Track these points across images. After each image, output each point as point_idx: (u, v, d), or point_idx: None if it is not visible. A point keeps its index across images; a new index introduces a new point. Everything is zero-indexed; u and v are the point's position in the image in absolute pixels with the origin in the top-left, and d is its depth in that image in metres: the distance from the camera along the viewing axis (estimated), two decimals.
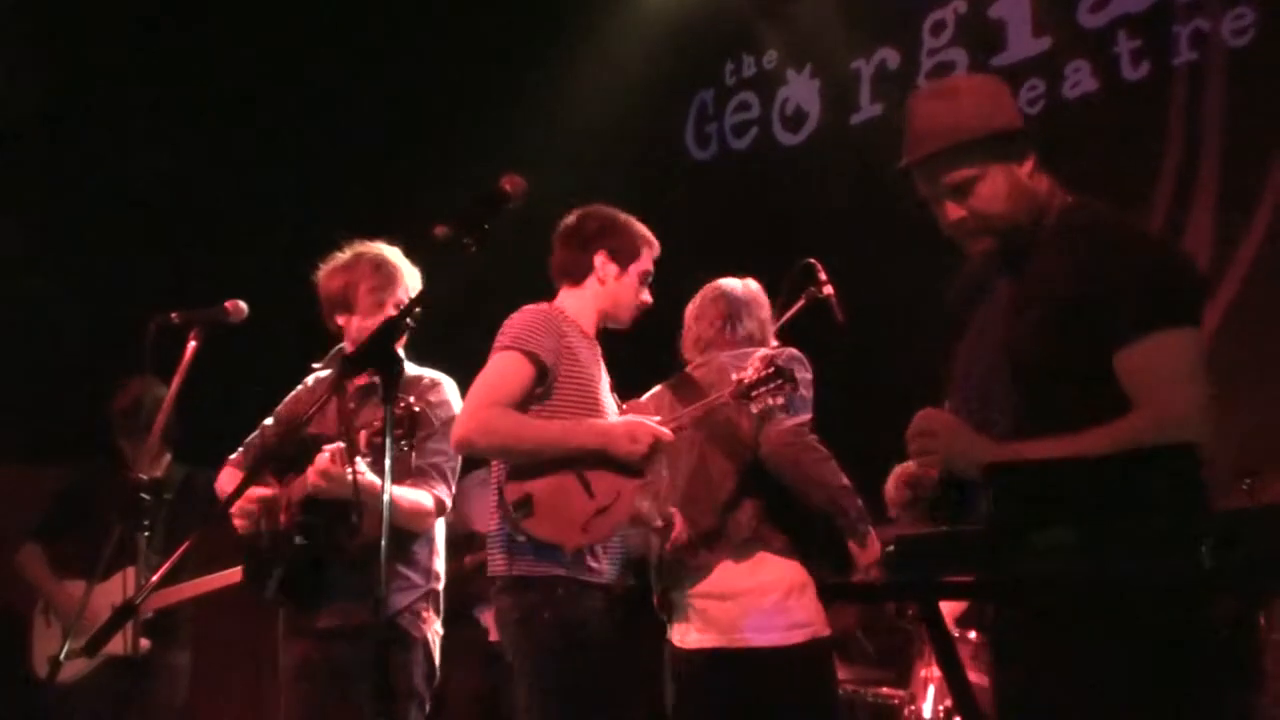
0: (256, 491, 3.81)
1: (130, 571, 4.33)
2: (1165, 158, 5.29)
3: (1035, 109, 5.91)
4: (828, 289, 4.51)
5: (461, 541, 5.66)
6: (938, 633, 2.39)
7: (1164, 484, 2.35)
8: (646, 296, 3.85)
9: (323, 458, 3.60)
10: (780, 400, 3.62)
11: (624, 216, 3.88)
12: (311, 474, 3.62)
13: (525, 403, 3.56)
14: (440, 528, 3.97)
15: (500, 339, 3.62)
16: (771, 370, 3.57)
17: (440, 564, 3.96)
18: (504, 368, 3.56)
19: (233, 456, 4.15)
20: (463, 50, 7.65)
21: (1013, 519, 2.29)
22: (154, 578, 2.71)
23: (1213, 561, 1.92)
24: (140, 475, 4.05)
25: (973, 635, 4.86)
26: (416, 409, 3.46)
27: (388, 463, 2.71)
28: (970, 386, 2.65)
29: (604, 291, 3.80)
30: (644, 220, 7.28)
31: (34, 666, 5.16)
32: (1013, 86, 5.79)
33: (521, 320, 3.63)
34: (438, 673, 3.87)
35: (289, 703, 3.84)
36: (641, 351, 4.05)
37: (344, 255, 4.03)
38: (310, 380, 4.16)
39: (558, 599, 3.50)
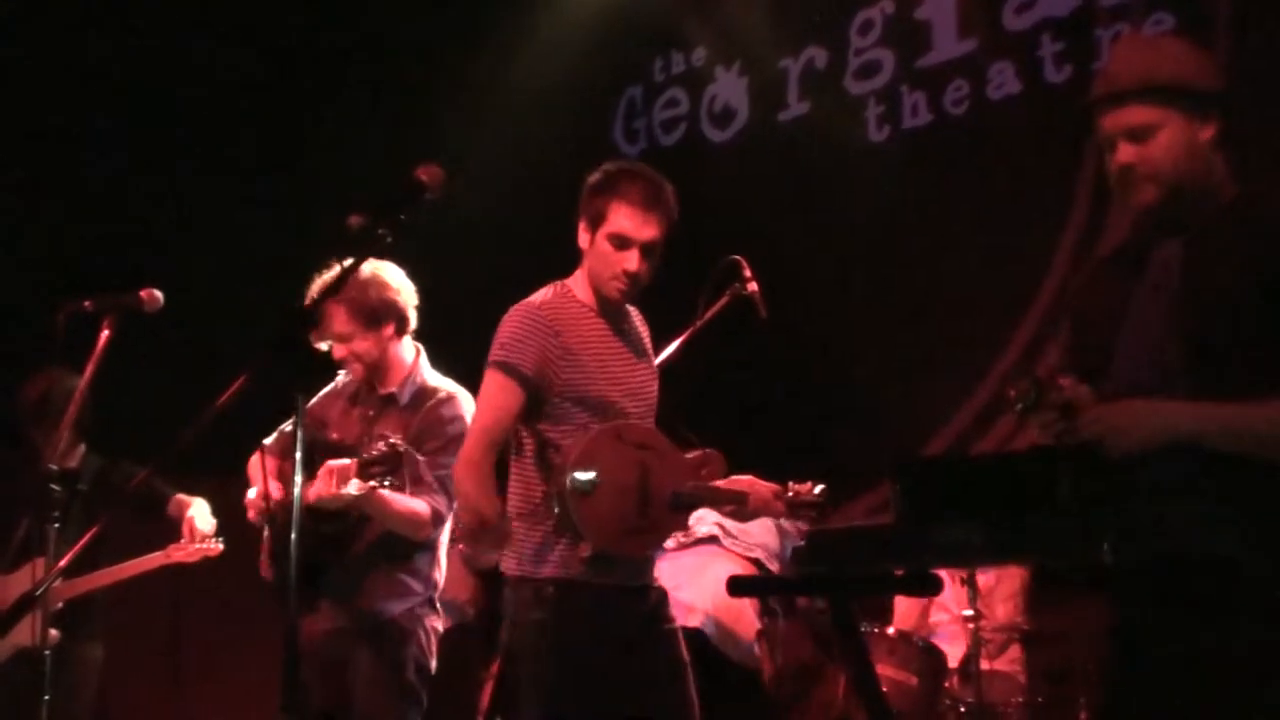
0: (272, 489, 3.88)
1: (39, 563, 4.26)
2: (1085, 159, 5.35)
3: (960, 110, 5.98)
4: (752, 286, 4.51)
5: None
6: (844, 627, 2.40)
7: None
8: (630, 263, 3.42)
9: (316, 487, 3.69)
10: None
11: (604, 173, 3.53)
12: (311, 494, 3.69)
13: (525, 417, 3.45)
14: (444, 538, 4.05)
15: (492, 348, 3.48)
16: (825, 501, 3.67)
17: (440, 573, 4.08)
18: (491, 391, 3.44)
19: (266, 441, 4.15)
20: (391, 42, 7.60)
21: (919, 514, 2.32)
22: (56, 567, 2.67)
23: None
24: (51, 466, 3.98)
25: (891, 631, 4.91)
26: (400, 449, 3.61)
27: (298, 457, 2.71)
28: (1138, 356, 2.59)
29: (588, 264, 3.53)
30: (572, 214, 7.23)
31: None
32: (938, 87, 6.02)
33: (506, 328, 3.46)
34: (432, 664, 3.97)
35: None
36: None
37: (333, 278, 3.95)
38: (340, 379, 4.22)
39: (547, 599, 3.39)
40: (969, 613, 4.77)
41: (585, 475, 3.30)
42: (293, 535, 2.64)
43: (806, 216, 6.24)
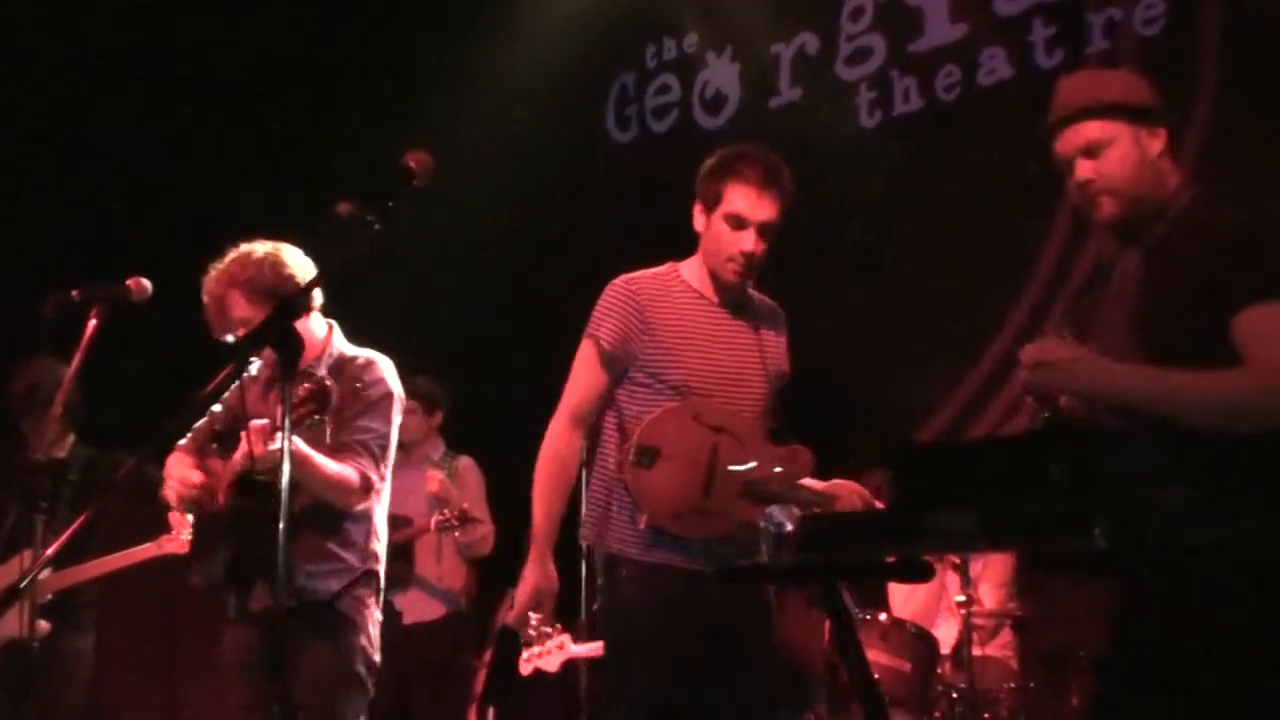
0: (194, 477, 3.77)
1: (27, 554, 4.24)
2: None
3: (951, 96, 5.97)
4: None
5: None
6: (837, 613, 2.39)
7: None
8: (746, 244, 3.46)
9: (243, 450, 3.56)
10: None
11: (721, 155, 3.59)
12: (237, 458, 3.61)
13: (611, 388, 3.51)
14: (382, 508, 3.91)
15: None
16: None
17: (380, 546, 3.89)
18: (580, 361, 3.54)
19: (182, 442, 4.05)
20: (384, 29, 7.57)
21: (912, 500, 2.30)
22: (42, 557, 2.65)
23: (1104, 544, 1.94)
24: (39, 457, 3.96)
25: (883, 617, 4.91)
26: (327, 383, 3.46)
27: (285, 445, 2.70)
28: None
29: (703, 246, 3.56)
30: (564, 202, 7.21)
31: None
32: (929, 73, 5.99)
33: (600, 301, 3.55)
34: (377, 657, 3.81)
35: (233, 690, 3.75)
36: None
37: (229, 264, 3.85)
38: (253, 369, 4.08)
39: (619, 579, 3.41)
40: (960, 598, 4.77)
41: (646, 446, 3.32)
42: (281, 518, 2.61)
43: (798, 203, 6.21)
